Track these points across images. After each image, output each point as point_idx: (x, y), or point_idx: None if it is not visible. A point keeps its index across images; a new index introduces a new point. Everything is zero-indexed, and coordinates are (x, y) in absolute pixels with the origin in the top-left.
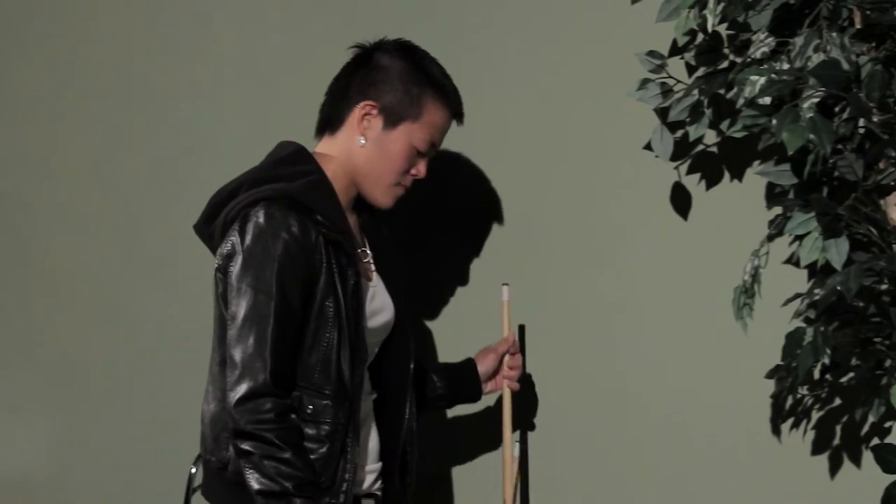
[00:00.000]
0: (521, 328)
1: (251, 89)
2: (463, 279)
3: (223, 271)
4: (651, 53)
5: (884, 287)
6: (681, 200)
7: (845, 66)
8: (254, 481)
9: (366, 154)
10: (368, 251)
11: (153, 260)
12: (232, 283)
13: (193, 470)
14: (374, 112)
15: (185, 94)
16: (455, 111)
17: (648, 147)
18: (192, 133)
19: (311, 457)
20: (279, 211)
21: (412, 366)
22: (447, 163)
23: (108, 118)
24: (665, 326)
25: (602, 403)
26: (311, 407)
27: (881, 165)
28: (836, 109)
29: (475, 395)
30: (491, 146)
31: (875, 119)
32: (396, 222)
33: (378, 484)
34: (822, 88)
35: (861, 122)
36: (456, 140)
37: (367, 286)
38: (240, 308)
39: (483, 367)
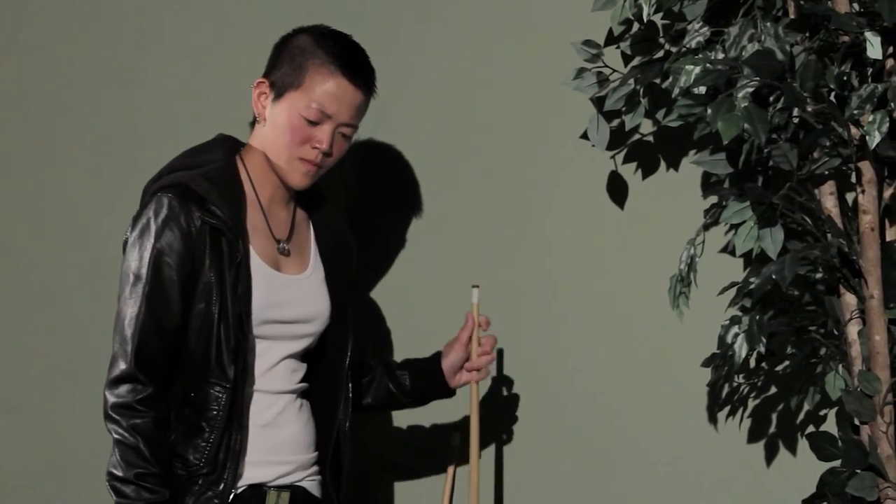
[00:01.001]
0: (500, 352)
1: (215, 89)
2: (400, 271)
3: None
4: (587, 43)
5: (818, 276)
6: (617, 190)
7: (779, 55)
8: (108, 462)
9: (264, 132)
10: (311, 244)
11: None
12: (121, 268)
13: None
14: (266, 89)
15: (143, 94)
16: (349, 75)
17: (585, 136)
18: (147, 127)
19: (196, 442)
20: (169, 199)
21: (347, 364)
22: (380, 154)
23: (63, 114)
24: (601, 316)
25: (535, 390)
26: (193, 393)
27: (815, 155)
28: (771, 99)
29: (443, 390)
30: (425, 137)
31: (809, 109)
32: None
33: (301, 476)
34: (757, 78)
35: (795, 111)
36: (389, 131)
37: (272, 275)
38: (120, 292)
39: (448, 360)
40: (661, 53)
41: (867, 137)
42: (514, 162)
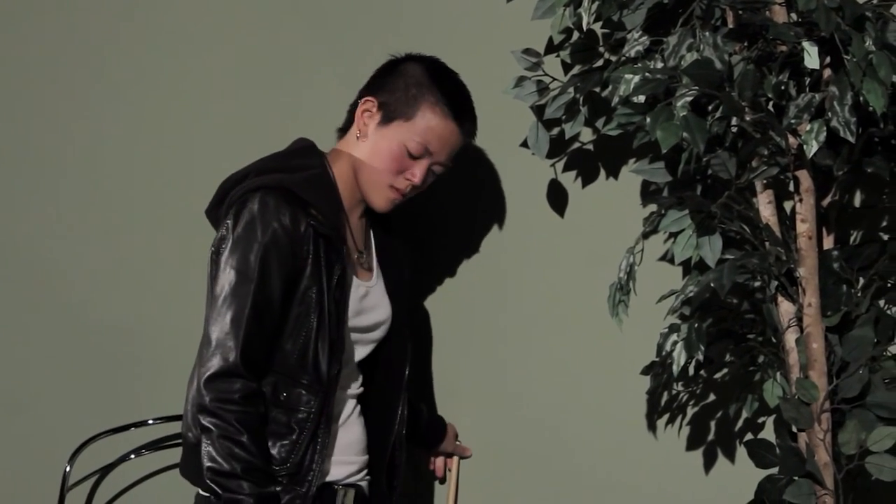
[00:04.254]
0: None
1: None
2: None
3: (215, 254)
4: (527, 51)
5: (756, 284)
6: (557, 198)
7: (718, 65)
8: (206, 457)
9: (361, 149)
10: (373, 252)
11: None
12: (219, 265)
13: (69, 468)
14: (374, 108)
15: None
16: (458, 121)
17: (525, 144)
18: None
19: (283, 442)
20: (273, 200)
21: (407, 371)
22: None
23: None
24: (541, 323)
25: (477, 399)
26: (285, 394)
27: (754, 164)
28: (710, 108)
29: (432, 444)
30: None
31: (747, 118)
32: None
33: (361, 476)
34: (696, 87)
35: (734, 120)
36: (331, 136)
37: (356, 283)
38: (221, 288)
39: (446, 443)
40: (600, 62)
41: (805, 147)
42: (454, 170)
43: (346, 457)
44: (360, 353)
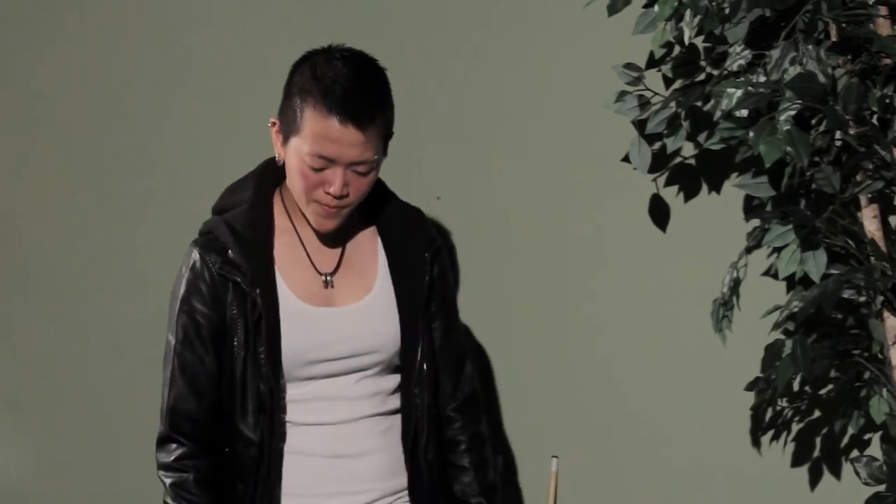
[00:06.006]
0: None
1: (237, 95)
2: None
3: None
4: (628, 66)
5: (862, 299)
6: (659, 213)
7: (821, 78)
8: None
9: (286, 172)
10: (376, 267)
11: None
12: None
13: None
14: (277, 129)
15: (169, 98)
16: (340, 115)
17: (626, 159)
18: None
19: (237, 496)
20: (195, 251)
21: (425, 394)
22: (424, 178)
23: (90, 120)
24: (644, 339)
25: (580, 416)
26: (227, 448)
27: (858, 178)
28: (813, 122)
29: None
30: (468, 158)
31: (851, 132)
32: None
33: (384, 503)
34: (799, 101)
35: (838, 134)
36: (434, 151)
37: (311, 313)
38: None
39: None
40: (702, 76)
41: None
42: (557, 185)
43: (356, 486)
44: (354, 378)
